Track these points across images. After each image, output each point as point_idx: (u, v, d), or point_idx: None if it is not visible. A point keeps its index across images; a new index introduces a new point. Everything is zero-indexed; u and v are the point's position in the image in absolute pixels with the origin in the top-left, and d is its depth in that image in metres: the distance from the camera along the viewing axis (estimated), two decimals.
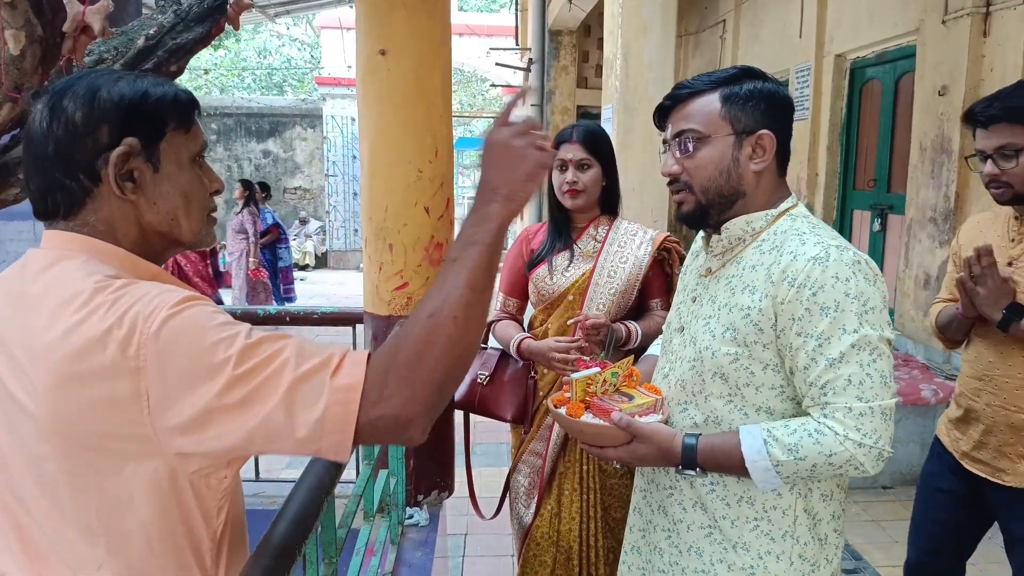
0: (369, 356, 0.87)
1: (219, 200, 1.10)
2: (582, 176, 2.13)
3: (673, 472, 1.36)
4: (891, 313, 4.64)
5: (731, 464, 1.25)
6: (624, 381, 1.41)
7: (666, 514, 1.40)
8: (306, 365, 0.85)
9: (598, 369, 1.39)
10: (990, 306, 1.82)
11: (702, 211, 1.34)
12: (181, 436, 0.85)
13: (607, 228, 2.20)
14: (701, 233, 1.48)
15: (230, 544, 0.99)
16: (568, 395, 1.38)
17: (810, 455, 1.19)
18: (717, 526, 1.33)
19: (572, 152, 2.14)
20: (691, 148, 1.31)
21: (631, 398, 1.36)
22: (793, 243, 1.26)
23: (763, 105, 1.30)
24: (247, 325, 0.89)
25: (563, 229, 2.22)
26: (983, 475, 1.96)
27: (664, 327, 1.55)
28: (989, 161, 1.84)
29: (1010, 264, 1.87)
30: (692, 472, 1.28)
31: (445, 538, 2.99)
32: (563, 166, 2.16)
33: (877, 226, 5.03)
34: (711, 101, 1.30)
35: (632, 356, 1.45)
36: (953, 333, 2.03)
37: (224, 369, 0.83)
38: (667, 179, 1.37)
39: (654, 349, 1.73)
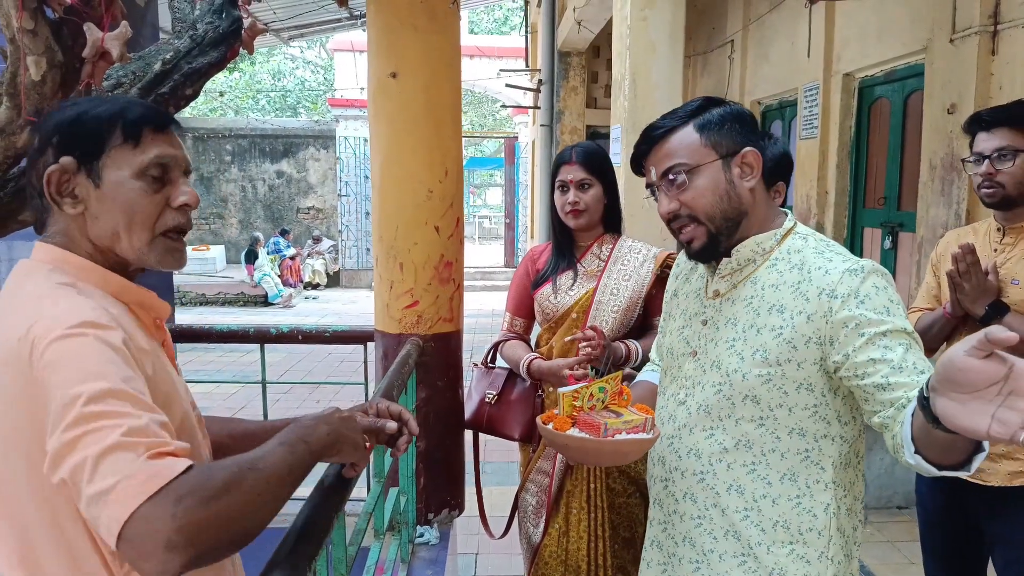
0: (190, 467, 0.84)
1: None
2: (583, 196, 2.15)
3: (702, 501, 1.34)
4: None
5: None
6: (613, 399, 1.39)
7: (694, 545, 1.37)
8: (138, 438, 0.83)
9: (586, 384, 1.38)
10: (973, 302, 1.92)
11: (713, 240, 1.33)
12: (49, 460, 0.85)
13: (611, 247, 2.22)
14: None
15: None
16: (556, 411, 1.36)
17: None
18: (751, 553, 1.30)
19: (572, 173, 2.16)
20: (684, 180, 1.31)
21: (619, 415, 1.34)
22: (817, 260, 1.27)
23: (737, 125, 1.32)
24: (124, 374, 0.88)
25: (566, 249, 2.24)
26: (962, 477, 1.99)
27: (663, 353, 1.52)
28: (986, 162, 1.93)
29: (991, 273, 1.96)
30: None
31: (456, 557, 2.98)
32: (564, 187, 2.18)
33: (888, 244, 5.02)
34: (688, 133, 1.31)
35: (621, 372, 1.44)
36: (931, 339, 2.09)
37: (76, 404, 0.83)
38: (667, 220, 1.37)
39: (645, 375, 1.70)
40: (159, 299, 1.10)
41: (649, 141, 1.35)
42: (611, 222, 2.24)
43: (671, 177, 1.32)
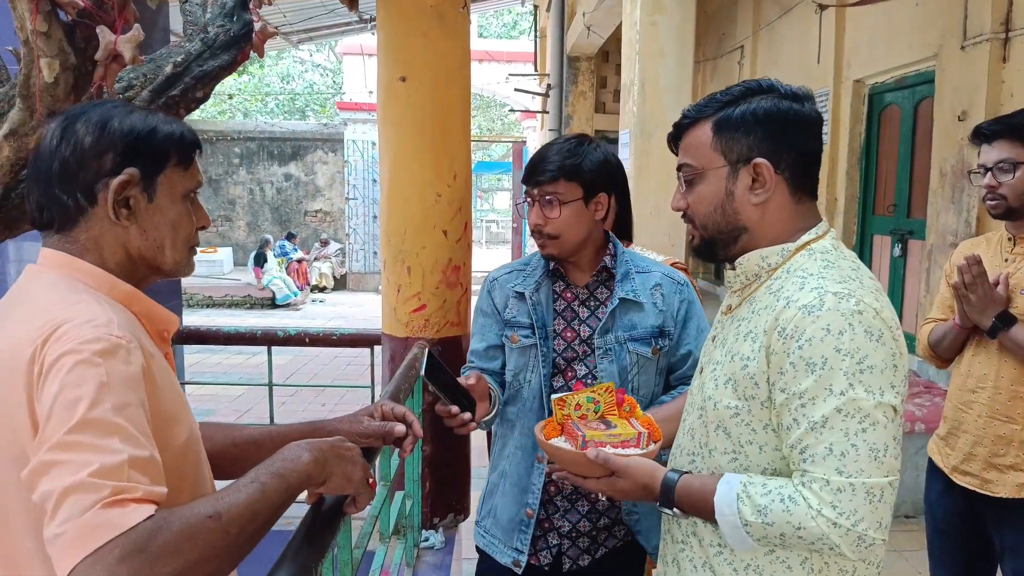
0: (151, 516, 0.80)
1: None
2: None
3: (685, 526, 1.26)
4: (911, 340, 4.59)
5: (704, 511, 1.14)
6: (610, 409, 1.34)
7: (680, 569, 1.30)
8: (105, 479, 0.79)
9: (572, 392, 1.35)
10: (981, 313, 1.91)
11: (708, 245, 1.25)
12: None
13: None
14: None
15: None
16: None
17: (778, 522, 1.05)
18: None
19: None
20: (689, 182, 1.23)
21: (610, 427, 1.29)
22: (793, 287, 1.12)
23: (758, 129, 1.16)
24: (122, 401, 0.86)
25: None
26: (972, 487, 2.01)
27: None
28: (988, 174, 1.94)
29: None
30: (669, 511, 1.18)
31: (461, 562, 2.97)
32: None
33: (897, 251, 5.00)
34: (704, 131, 1.20)
35: (612, 383, 1.38)
36: (945, 350, 2.09)
37: (61, 427, 0.82)
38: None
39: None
40: (168, 311, 1.10)
41: (677, 128, 1.26)
42: (622, 230, 2.24)
43: (682, 175, 1.24)
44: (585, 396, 1.32)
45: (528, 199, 1.72)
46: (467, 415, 1.52)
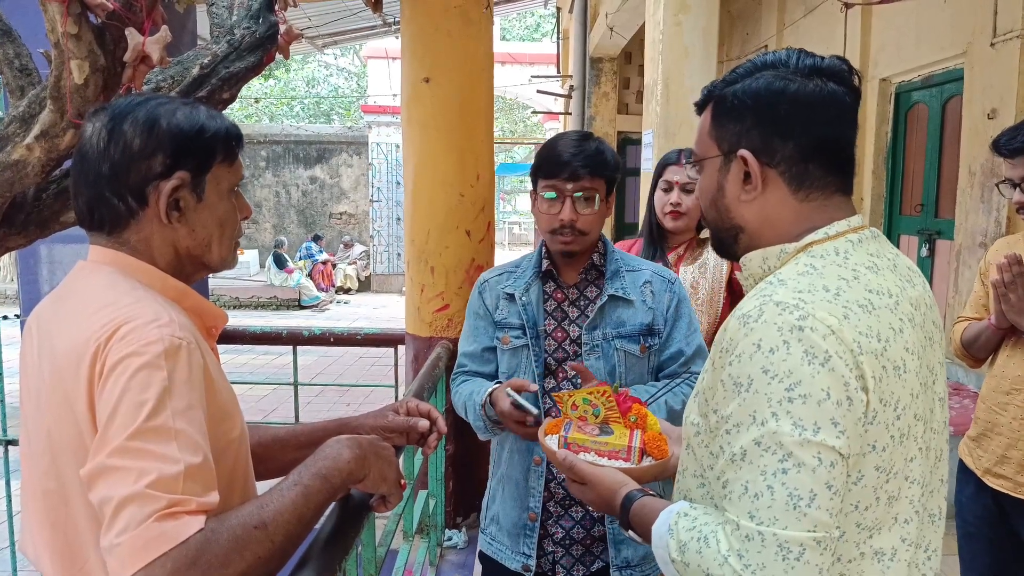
0: (201, 529, 0.82)
1: None
2: (685, 199, 2.19)
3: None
4: None
5: (648, 540, 1.00)
6: (613, 415, 1.26)
7: None
8: (161, 491, 0.81)
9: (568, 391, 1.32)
10: (1019, 313, 1.87)
11: (717, 242, 1.10)
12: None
13: (700, 251, 2.25)
14: None
15: None
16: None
17: (692, 564, 0.90)
18: None
19: (679, 175, 2.20)
20: (697, 170, 1.08)
21: (606, 433, 1.22)
22: (755, 291, 0.96)
23: (748, 114, 0.99)
24: (183, 404, 0.87)
25: (658, 247, 2.27)
26: (1005, 490, 1.97)
27: None
28: (1017, 189, 1.89)
29: None
30: (626, 534, 1.06)
31: None
32: (668, 187, 2.22)
33: (925, 252, 4.93)
34: (707, 115, 1.05)
35: (607, 387, 1.30)
36: (978, 349, 2.05)
37: (123, 431, 0.83)
38: None
39: None
40: (217, 307, 1.11)
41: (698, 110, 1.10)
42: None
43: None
44: (582, 397, 1.28)
45: (554, 193, 1.63)
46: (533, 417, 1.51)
